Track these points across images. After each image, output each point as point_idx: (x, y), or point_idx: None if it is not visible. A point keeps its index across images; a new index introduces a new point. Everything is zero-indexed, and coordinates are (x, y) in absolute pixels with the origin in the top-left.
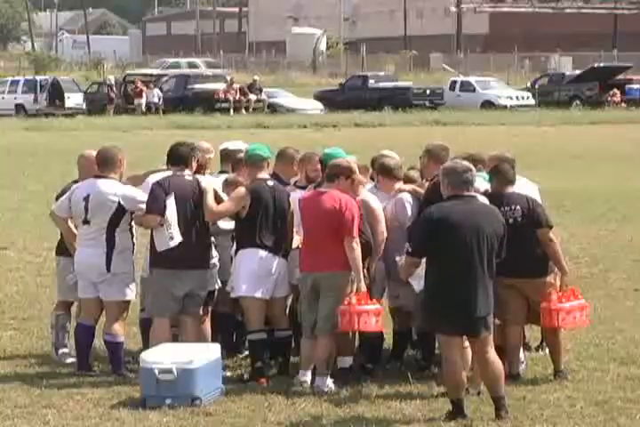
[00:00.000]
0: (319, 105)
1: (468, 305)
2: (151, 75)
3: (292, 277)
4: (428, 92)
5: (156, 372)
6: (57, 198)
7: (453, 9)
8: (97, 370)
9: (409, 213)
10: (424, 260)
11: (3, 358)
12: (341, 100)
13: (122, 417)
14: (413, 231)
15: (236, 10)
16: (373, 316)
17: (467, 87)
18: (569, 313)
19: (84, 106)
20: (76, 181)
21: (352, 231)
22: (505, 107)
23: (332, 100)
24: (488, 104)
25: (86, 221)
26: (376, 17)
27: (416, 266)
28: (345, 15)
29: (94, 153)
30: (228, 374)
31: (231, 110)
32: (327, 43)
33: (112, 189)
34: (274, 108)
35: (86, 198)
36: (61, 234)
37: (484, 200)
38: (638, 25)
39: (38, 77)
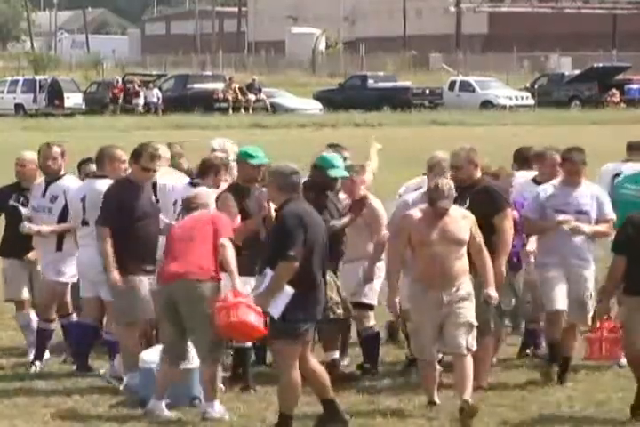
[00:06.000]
0: (318, 105)
1: None
2: (150, 74)
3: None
4: (427, 91)
5: (155, 372)
6: None
7: (452, 9)
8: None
9: None
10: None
11: (2, 358)
12: (341, 99)
13: (121, 417)
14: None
15: (236, 9)
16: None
17: (466, 87)
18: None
19: (84, 106)
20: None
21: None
22: (504, 107)
23: (331, 100)
24: (487, 104)
25: (85, 222)
26: (375, 16)
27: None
28: (344, 15)
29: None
30: (225, 375)
31: (230, 110)
32: (326, 42)
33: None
34: (273, 108)
35: (83, 199)
36: (4, 235)
37: None
38: (637, 25)
39: (38, 77)
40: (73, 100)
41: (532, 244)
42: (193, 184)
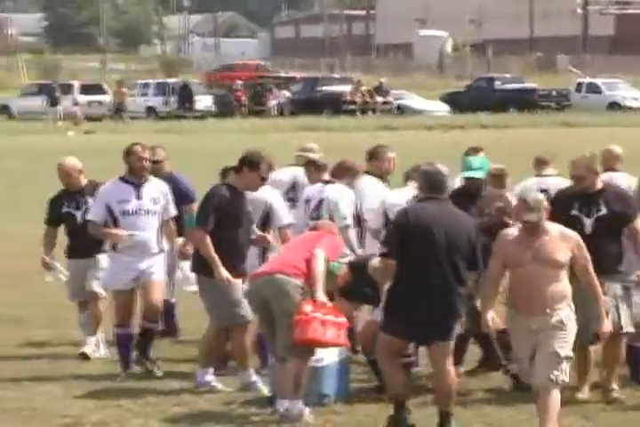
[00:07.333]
0: (445, 106)
1: None
2: (279, 77)
3: None
4: (554, 93)
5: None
6: None
7: (579, 10)
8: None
9: None
10: None
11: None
12: (467, 101)
13: (250, 415)
14: None
15: (364, 13)
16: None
17: (593, 89)
18: None
19: (214, 108)
20: None
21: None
22: (631, 108)
23: (458, 102)
24: (614, 106)
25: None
26: (502, 18)
27: None
28: (470, 17)
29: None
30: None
31: (358, 112)
32: (453, 45)
33: (260, 191)
34: (400, 110)
35: None
36: (68, 240)
37: None
38: None
39: (169, 80)
40: (203, 102)
41: None
42: (327, 182)
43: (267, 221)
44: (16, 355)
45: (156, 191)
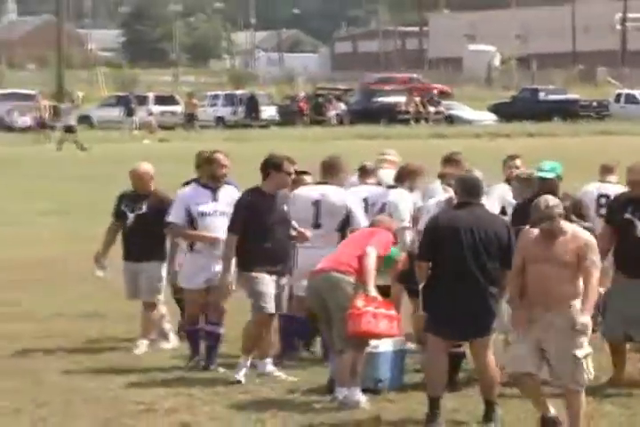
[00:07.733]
0: (492, 116)
1: None
2: (338, 89)
3: None
4: (594, 104)
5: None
6: None
7: (618, 27)
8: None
9: None
10: None
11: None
12: (513, 111)
13: (311, 402)
14: None
15: (417, 29)
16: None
17: (631, 99)
18: None
19: (277, 118)
20: None
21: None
22: None
23: (504, 112)
24: None
25: (317, 225)
26: (545, 34)
27: None
28: (516, 33)
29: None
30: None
31: (411, 121)
32: (500, 58)
33: (341, 195)
34: (451, 120)
35: (315, 203)
36: (122, 238)
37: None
38: None
39: (237, 92)
40: (268, 112)
41: None
42: (390, 187)
43: (346, 223)
44: (93, 348)
45: (230, 196)
